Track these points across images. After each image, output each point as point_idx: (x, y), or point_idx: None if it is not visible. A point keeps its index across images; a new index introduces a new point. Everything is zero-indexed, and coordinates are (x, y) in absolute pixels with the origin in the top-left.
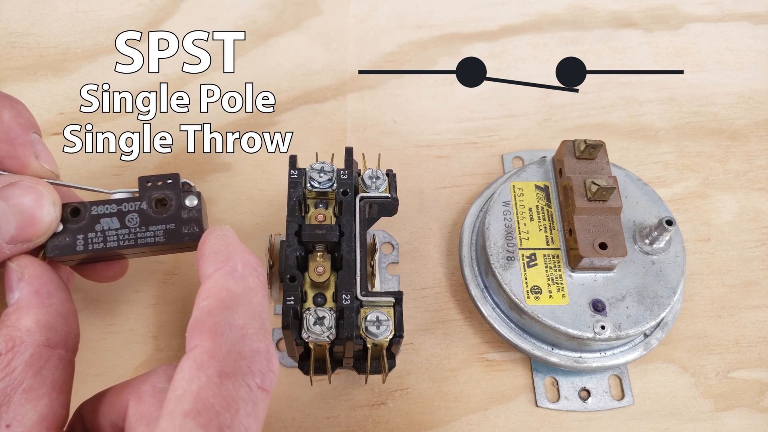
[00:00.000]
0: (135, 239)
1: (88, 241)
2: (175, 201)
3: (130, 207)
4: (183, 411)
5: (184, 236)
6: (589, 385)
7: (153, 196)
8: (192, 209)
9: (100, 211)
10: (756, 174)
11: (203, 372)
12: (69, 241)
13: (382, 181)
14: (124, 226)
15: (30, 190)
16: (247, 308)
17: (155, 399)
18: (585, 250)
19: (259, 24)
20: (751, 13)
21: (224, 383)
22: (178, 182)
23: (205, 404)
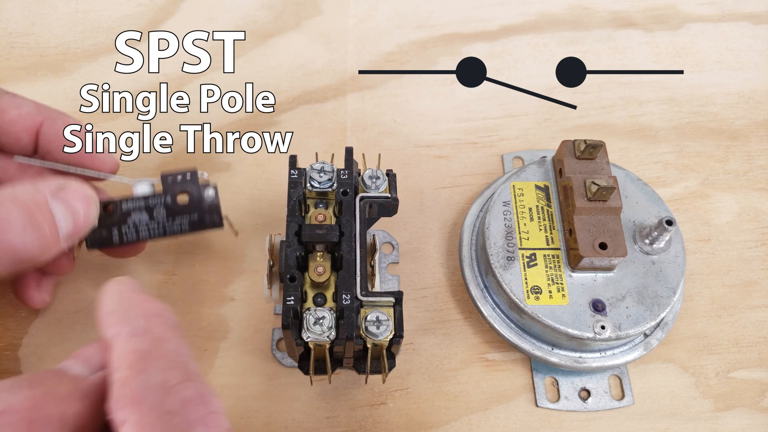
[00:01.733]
0: (163, 230)
1: (123, 234)
2: (195, 194)
3: (156, 201)
4: None
5: (207, 224)
6: (589, 385)
7: (176, 191)
8: (211, 200)
9: (130, 207)
10: (756, 174)
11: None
12: (106, 235)
13: (382, 181)
14: (152, 218)
15: (80, 193)
16: (161, 362)
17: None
18: (585, 250)
19: (259, 24)
20: (751, 13)
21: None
22: (196, 177)
23: None
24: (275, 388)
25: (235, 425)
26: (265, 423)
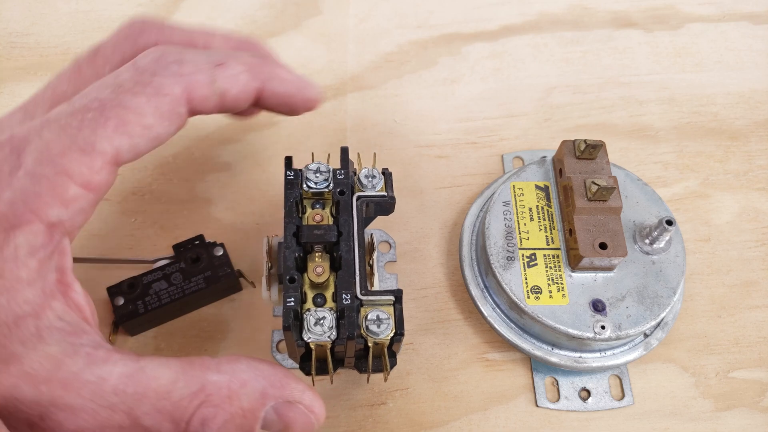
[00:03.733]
0: (182, 291)
1: (147, 304)
2: (205, 254)
3: (172, 269)
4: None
5: (220, 278)
6: (589, 385)
7: (188, 255)
8: (221, 257)
9: (151, 279)
10: (756, 174)
11: None
12: (132, 309)
13: (378, 179)
14: (171, 284)
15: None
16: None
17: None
18: (585, 250)
19: (259, 24)
20: (751, 13)
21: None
22: (203, 240)
23: None
24: None
25: None
26: None
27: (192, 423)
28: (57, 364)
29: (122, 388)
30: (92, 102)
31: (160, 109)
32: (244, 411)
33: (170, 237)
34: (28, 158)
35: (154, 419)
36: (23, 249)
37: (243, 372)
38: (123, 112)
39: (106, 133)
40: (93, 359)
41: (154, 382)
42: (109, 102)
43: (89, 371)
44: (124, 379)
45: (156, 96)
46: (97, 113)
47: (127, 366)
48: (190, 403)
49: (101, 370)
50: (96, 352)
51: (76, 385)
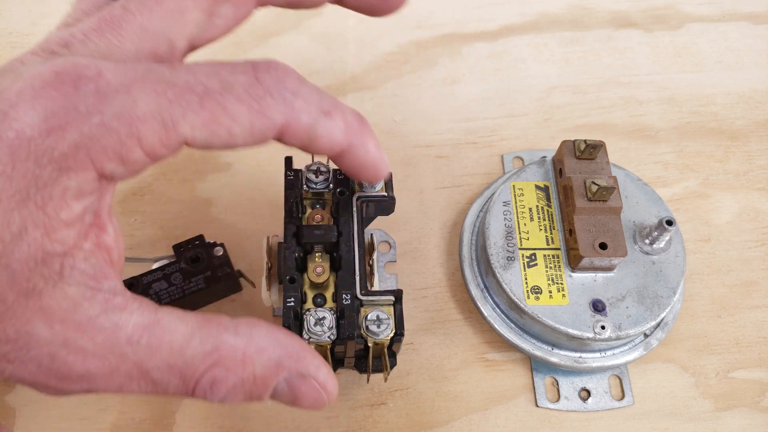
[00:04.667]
0: (182, 291)
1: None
2: (205, 254)
3: (172, 269)
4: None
5: (220, 278)
6: (589, 385)
7: (188, 255)
8: (221, 257)
9: (150, 279)
10: (756, 174)
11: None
12: None
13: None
14: (171, 284)
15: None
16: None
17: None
18: (585, 250)
19: (259, 24)
20: (751, 13)
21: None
22: (203, 240)
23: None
24: None
25: (235, 426)
26: (265, 423)
27: (201, 382)
28: (74, 305)
29: (137, 339)
30: (197, 85)
31: (253, 125)
32: (256, 378)
33: (170, 237)
34: (108, 108)
35: (164, 374)
36: (71, 192)
37: (261, 338)
38: (220, 111)
39: (194, 121)
40: (111, 305)
41: (168, 336)
42: (213, 95)
43: (105, 317)
44: (140, 329)
45: (258, 114)
46: (196, 99)
47: (143, 316)
48: (202, 363)
49: (118, 317)
50: (114, 298)
51: (90, 330)
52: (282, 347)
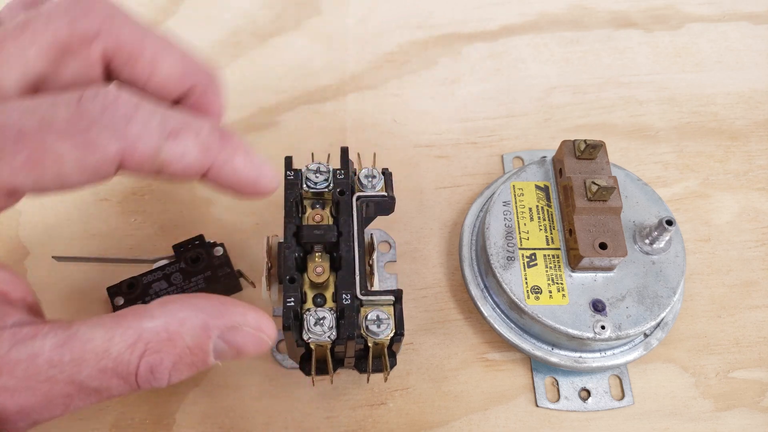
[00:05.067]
0: (182, 291)
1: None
2: (205, 254)
3: (172, 269)
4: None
5: (220, 278)
6: (589, 385)
7: (188, 255)
8: (221, 257)
9: (150, 279)
10: (756, 174)
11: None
12: None
13: (378, 179)
14: (171, 284)
15: (253, 338)
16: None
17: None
18: (585, 250)
19: (259, 24)
20: (751, 13)
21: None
22: (203, 240)
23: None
24: (275, 388)
25: (235, 425)
26: (265, 423)
27: (140, 373)
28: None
29: (58, 359)
30: (10, 127)
31: (83, 162)
32: (191, 349)
33: (170, 237)
34: None
35: (100, 380)
36: None
37: (178, 311)
38: (40, 153)
39: (11, 164)
40: (19, 338)
41: (89, 344)
42: (29, 136)
43: (16, 351)
44: (57, 349)
45: (85, 148)
46: (10, 143)
47: (57, 336)
48: (131, 356)
49: (30, 346)
50: (21, 330)
51: (6, 368)
52: (202, 311)
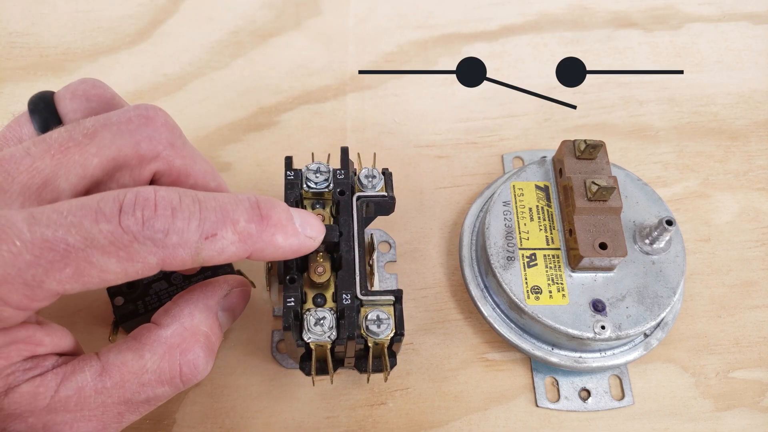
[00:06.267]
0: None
1: (147, 303)
2: None
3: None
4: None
5: (220, 274)
6: (589, 385)
7: None
8: None
9: (150, 279)
10: (756, 174)
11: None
12: (132, 309)
13: (378, 180)
14: (171, 284)
15: (240, 294)
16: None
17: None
18: (585, 250)
19: (259, 24)
20: (751, 13)
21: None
22: None
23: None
24: (275, 388)
25: (235, 425)
26: (265, 423)
27: (183, 374)
28: (34, 395)
29: (101, 386)
30: (57, 242)
31: (125, 272)
32: (209, 333)
33: None
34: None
35: (146, 392)
36: None
37: (182, 310)
38: (85, 267)
39: (59, 277)
40: (62, 376)
41: (124, 367)
42: (74, 251)
43: (64, 389)
44: (99, 378)
45: (127, 261)
46: (57, 257)
47: (93, 367)
48: (171, 363)
49: (74, 381)
50: (62, 369)
51: (59, 405)
52: (198, 299)
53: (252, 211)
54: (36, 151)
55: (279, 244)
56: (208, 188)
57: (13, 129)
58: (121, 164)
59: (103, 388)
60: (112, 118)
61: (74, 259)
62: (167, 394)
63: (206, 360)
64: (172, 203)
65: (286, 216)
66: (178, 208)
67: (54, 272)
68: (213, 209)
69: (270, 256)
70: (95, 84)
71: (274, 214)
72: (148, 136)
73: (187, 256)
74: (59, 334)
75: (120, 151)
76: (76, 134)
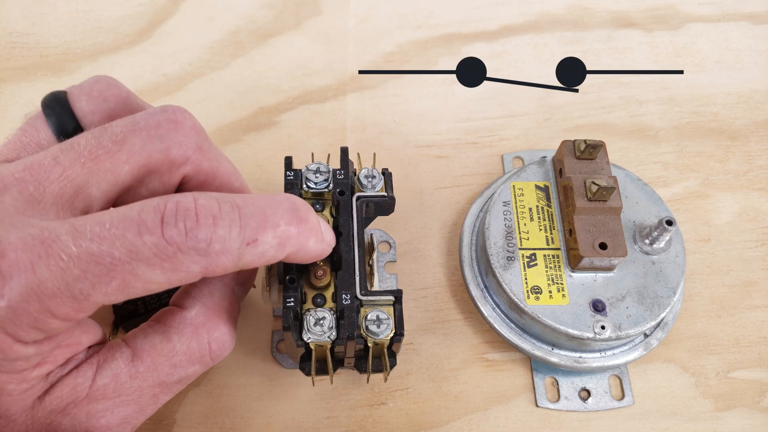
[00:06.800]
0: None
1: (147, 304)
2: None
3: None
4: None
5: None
6: (589, 385)
7: None
8: None
9: None
10: (756, 174)
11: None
12: (132, 308)
13: (378, 180)
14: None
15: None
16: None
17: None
18: (585, 250)
19: (259, 24)
20: (751, 13)
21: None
22: None
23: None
24: (275, 388)
25: (236, 425)
26: (265, 423)
27: (213, 350)
28: (73, 388)
29: (134, 371)
30: (103, 256)
31: (170, 281)
32: (230, 308)
33: None
34: (13, 290)
35: (178, 373)
36: (5, 362)
37: (201, 290)
38: (131, 278)
39: (105, 290)
40: (98, 365)
41: (154, 350)
42: (120, 264)
43: (100, 378)
44: (130, 364)
45: (172, 271)
46: (104, 270)
47: (124, 354)
48: (200, 342)
49: (109, 369)
50: (97, 357)
51: (98, 393)
52: (214, 279)
53: (291, 213)
54: (65, 159)
55: (311, 248)
56: (232, 188)
57: (30, 133)
58: (151, 170)
59: (137, 373)
60: (140, 122)
61: (120, 272)
62: (198, 372)
63: (231, 335)
64: (212, 211)
65: (317, 220)
66: (218, 216)
67: (101, 286)
68: (252, 215)
69: (300, 258)
70: (110, 83)
71: (311, 218)
72: (177, 142)
73: (230, 262)
74: (92, 329)
75: (151, 158)
76: (105, 141)
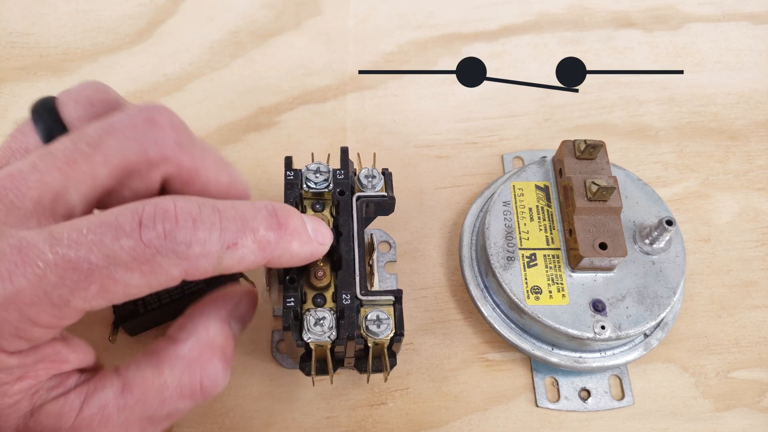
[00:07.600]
0: (182, 292)
1: (146, 303)
2: None
3: None
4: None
5: (220, 278)
6: (589, 385)
7: None
8: None
9: None
10: (756, 174)
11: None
12: (132, 308)
13: (378, 180)
14: None
15: (250, 304)
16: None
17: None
18: (585, 250)
19: (259, 24)
20: (751, 13)
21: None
22: None
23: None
24: (275, 388)
25: (236, 425)
26: (265, 423)
27: (204, 387)
28: (58, 416)
29: (123, 404)
30: (80, 261)
31: (149, 284)
32: (225, 345)
33: None
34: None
35: (167, 407)
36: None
37: (197, 325)
38: (110, 283)
39: (85, 295)
40: (85, 396)
41: (145, 383)
42: (98, 269)
43: (87, 408)
44: (119, 395)
45: (151, 275)
46: (81, 276)
47: (115, 384)
48: (192, 378)
49: (97, 400)
50: (85, 386)
51: (83, 424)
52: (210, 312)
53: (270, 219)
54: (42, 165)
55: (295, 251)
56: (221, 183)
57: (18, 140)
58: (130, 171)
59: (125, 406)
60: (115, 124)
61: (98, 277)
62: (188, 407)
63: (224, 371)
64: (192, 214)
65: (301, 223)
66: (198, 218)
67: (79, 291)
68: (233, 218)
69: (286, 262)
70: (98, 88)
71: (291, 221)
72: (154, 141)
73: (209, 266)
74: (82, 349)
75: (127, 159)
76: (81, 145)
